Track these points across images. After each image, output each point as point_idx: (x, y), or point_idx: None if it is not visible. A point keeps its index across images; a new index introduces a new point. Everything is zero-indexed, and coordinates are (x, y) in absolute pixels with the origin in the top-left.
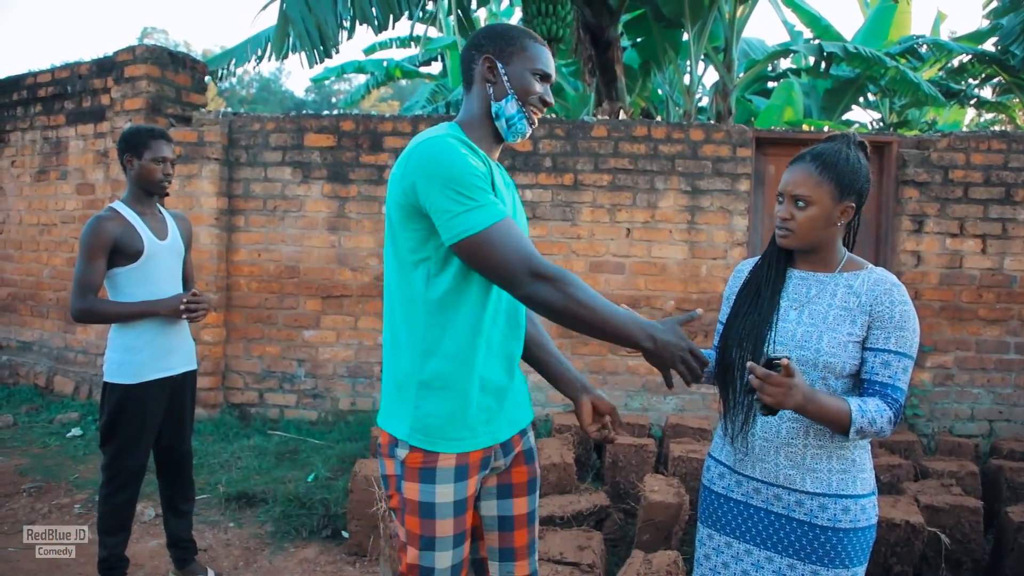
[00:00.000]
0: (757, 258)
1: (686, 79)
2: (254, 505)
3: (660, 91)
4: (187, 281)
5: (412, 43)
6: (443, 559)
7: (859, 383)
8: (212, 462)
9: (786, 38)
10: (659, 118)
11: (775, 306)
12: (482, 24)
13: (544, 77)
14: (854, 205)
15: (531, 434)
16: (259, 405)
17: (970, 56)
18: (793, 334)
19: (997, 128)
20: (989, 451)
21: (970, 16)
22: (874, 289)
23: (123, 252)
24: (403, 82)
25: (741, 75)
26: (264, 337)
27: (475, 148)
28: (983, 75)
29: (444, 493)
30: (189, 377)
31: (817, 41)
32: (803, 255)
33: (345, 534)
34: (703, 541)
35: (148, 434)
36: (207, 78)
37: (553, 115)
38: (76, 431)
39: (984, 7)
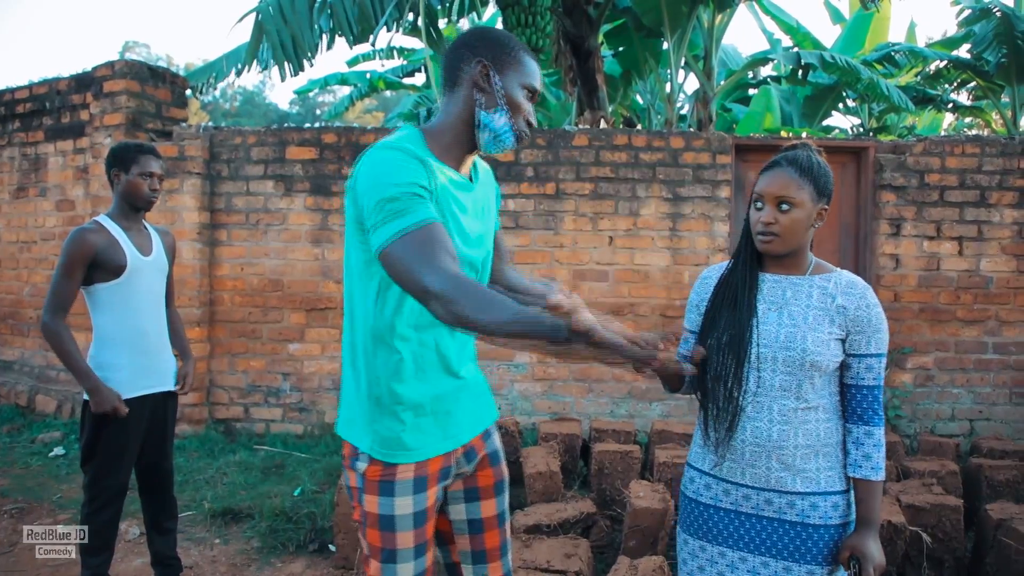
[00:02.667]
0: (723, 264)
1: (667, 87)
2: (240, 521)
3: (641, 99)
4: (169, 298)
5: (395, 54)
6: (405, 570)
7: (838, 383)
8: (197, 478)
9: (764, 46)
10: (640, 126)
11: (753, 309)
12: (453, 36)
13: (532, 94)
14: (827, 207)
15: (496, 436)
16: (244, 420)
17: (946, 62)
18: (776, 336)
19: (974, 132)
20: (969, 450)
21: (947, 22)
22: (850, 293)
23: (105, 267)
24: (388, 93)
25: (722, 83)
26: (248, 351)
27: (424, 158)
28: (958, 80)
29: (403, 505)
30: (170, 395)
31: (795, 49)
32: (776, 259)
33: (332, 548)
34: (694, 554)
35: (130, 453)
36: (188, 92)
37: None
38: (59, 450)
39: (957, 16)
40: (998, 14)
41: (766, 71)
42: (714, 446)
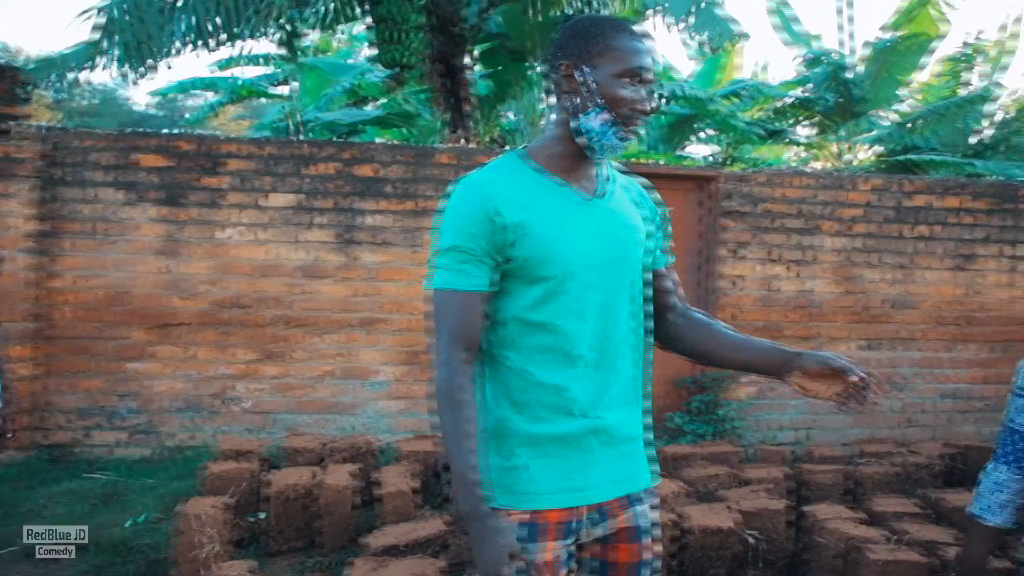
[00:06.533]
0: None
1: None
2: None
3: (512, 120)
4: None
5: (269, 62)
6: None
7: None
8: (20, 511)
9: None
10: (509, 147)
11: None
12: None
13: (639, 79)
14: None
15: (647, 507)
16: (79, 444)
17: (789, 100)
18: None
19: (815, 165)
20: (801, 457)
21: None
22: None
23: None
24: (262, 101)
25: None
26: (87, 370)
27: (496, 193)
28: (801, 116)
29: None
30: None
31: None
32: None
33: None
34: None
35: None
36: (30, 87)
37: (401, 141)
38: None
39: (793, 59)
40: (832, 56)
41: None
42: None
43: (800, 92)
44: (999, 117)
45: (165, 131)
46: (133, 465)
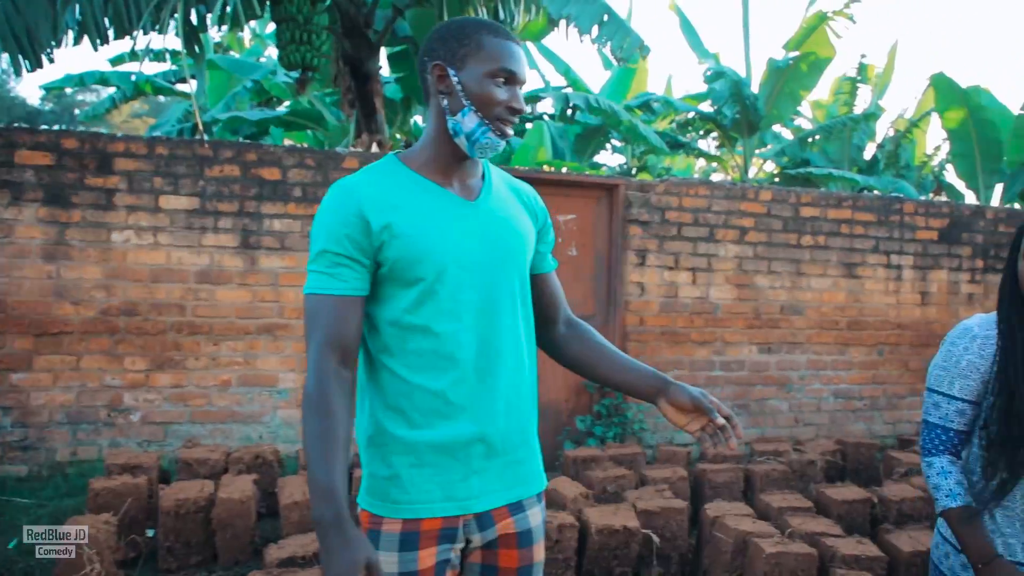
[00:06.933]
0: (983, 320)
1: None
2: None
3: (422, 125)
4: None
5: (168, 57)
6: None
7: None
8: None
9: (540, 85)
10: None
11: None
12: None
13: (510, 78)
14: None
15: (535, 511)
16: None
17: (693, 113)
18: None
19: (723, 176)
20: (699, 457)
21: (697, 78)
22: None
23: None
24: (165, 98)
25: None
26: None
27: (362, 194)
28: (704, 130)
29: (387, 563)
30: None
31: (565, 91)
32: None
33: None
34: None
35: None
36: None
37: (304, 144)
38: None
39: (703, 73)
40: (734, 72)
41: (542, 107)
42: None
43: (704, 106)
44: (883, 136)
45: (47, 127)
46: (13, 483)
